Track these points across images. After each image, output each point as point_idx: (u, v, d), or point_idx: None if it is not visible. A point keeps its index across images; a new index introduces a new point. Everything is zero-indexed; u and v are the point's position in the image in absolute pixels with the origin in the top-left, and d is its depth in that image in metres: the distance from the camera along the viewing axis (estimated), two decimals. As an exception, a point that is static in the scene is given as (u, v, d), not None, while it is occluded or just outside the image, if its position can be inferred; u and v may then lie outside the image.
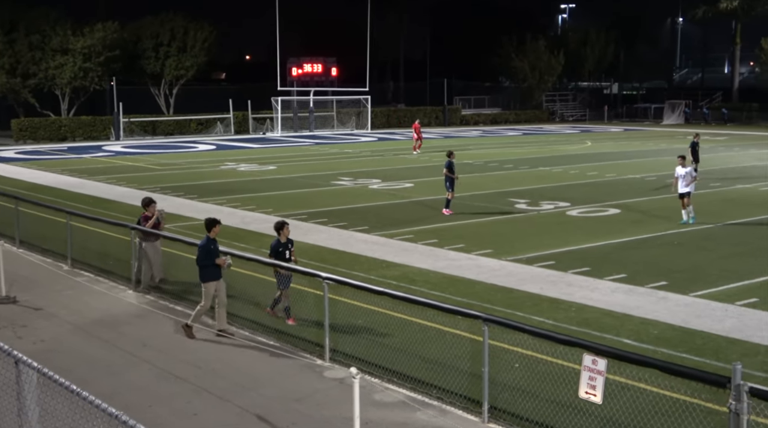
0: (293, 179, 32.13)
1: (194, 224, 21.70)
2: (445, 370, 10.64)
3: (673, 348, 11.61)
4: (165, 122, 58.72)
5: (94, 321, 13.37)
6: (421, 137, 44.48)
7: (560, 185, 29.52)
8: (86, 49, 55.94)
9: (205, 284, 12.45)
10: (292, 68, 62.37)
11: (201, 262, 12.45)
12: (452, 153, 24.06)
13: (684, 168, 21.66)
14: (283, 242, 13.20)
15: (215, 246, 12.57)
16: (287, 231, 13.31)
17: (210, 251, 12.43)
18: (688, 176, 21.55)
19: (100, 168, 36.71)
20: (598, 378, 7.97)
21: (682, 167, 21.72)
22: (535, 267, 16.68)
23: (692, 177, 21.62)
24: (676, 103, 76.96)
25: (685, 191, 21.50)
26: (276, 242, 13.25)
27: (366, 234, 20.38)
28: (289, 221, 21.91)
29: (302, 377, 10.86)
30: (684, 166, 21.75)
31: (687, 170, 21.64)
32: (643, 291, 14.76)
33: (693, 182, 21.68)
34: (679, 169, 21.77)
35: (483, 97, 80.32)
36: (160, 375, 10.93)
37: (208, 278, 12.44)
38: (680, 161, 21.95)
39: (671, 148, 46.50)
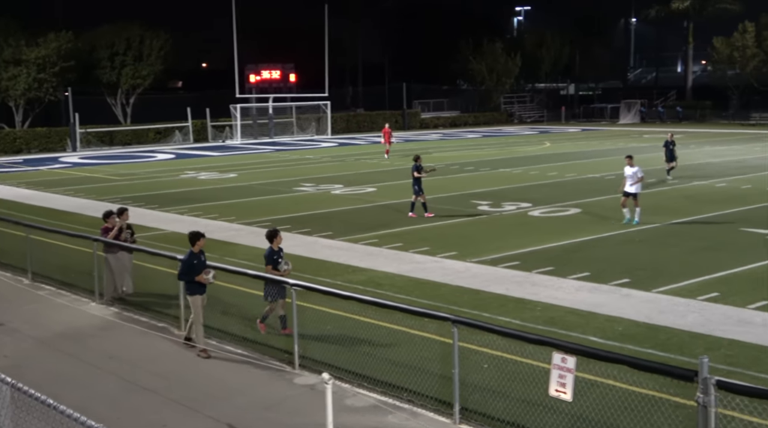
0: (255, 186, 31.98)
1: (156, 234, 21.52)
2: (415, 373, 10.66)
3: (639, 344, 11.77)
4: (122, 132, 58.08)
5: (58, 335, 13.18)
6: (390, 141, 43.91)
7: (521, 186, 29.76)
8: (40, 59, 55.16)
9: (192, 297, 12.10)
10: (251, 75, 62.08)
11: (183, 277, 12.14)
12: (419, 157, 24.08)
13: (632, 168, 21.66)
14: (276, 250, 12.81)
15: (200, 261, 12.18)
16: (280, 239, 12.98)
17: (192, 267, 12.05)
18: (634, 175, 21.48)
19: (57, 180, 36.20)
20: (567, 376, 8.05)
21: (629, 166, 21.77)
22: (500, 268, 16.80)
23: (638, 177, 21.53)
24: (631, 103, 78.01)
25: (632, 192, 21.48)
26: (270, 251, 12.78)
27: (330, 240, 20.35)
28: (252, 228, 21.93)
29: (272, 385, 10.81)
30: (632, 166, 21.68)
31: (634, 170, 21.51)
32: (607, 289, 14.94)
33: (639, 182, 21.56)
34: (627, 169, 21.84)
35: (442, 101, 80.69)
36: (127, 387, 10.81)
37: (194, 292, 12.11)
38: (628, 161, 22.02)
39: (628, 147, 47.12)
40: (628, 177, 21.65)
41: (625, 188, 21.61)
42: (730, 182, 29.57)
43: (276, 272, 12.54)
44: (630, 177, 21.57)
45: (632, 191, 21.51)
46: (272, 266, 12.63)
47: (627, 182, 21.61)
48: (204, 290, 12.21)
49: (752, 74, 71.77)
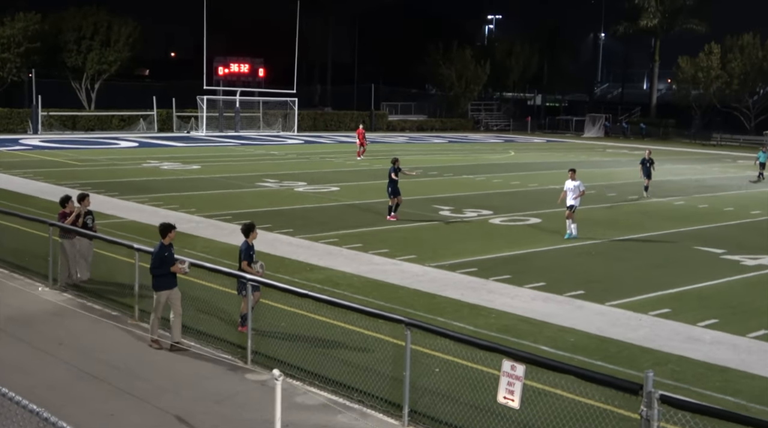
0: (217, 179, 31.81)
1: (115, 222, 21.31)
2: (366, 373, 10.71)
3: (589, 355, 11.93)
4: (86, 117, 57.37)
5: (8, 319, 12.99)
6: (365, 142, 43.62)
7: (484, 194, 29.96)
8: (5, 39, 54.29)
9: (157, 293, 11.86)
10: (219, 67, 61.71)
11: (155, 270, 11.87)
12: (397, 160, 24.10)
13: (573, 181, 21.57)
14: (251, 245, 12.70)
15: (170, 253, 12.00)
16: (256, 234, 12.86)
17: (164, 259, 11.86)
18: (576, 189, 21.45)
19: (15, 162, 35.67)
20: (516, 384, 8.15)
21: (571, 180, 21.63)
22: (457, 273, 16.91)
23: (580, 191, 21.51)
24: (596, 117, 78.86)
25: (571, 204, 21.42)
26: (246, 245, 12.65)
27: (291, 237, 20.33)
28: (213, 222, 21.82)
29: (224, 379, 10.78)
30: (574, 179, 21.61)
31: (576, 184, 21.49)
32: (562, 299, 15.12)
33: (580, 196, 21.56)
34: (568, 182, 21.71)
35: (410, 104, 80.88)
36: (76, 375, 10.71)
37: (161, 287, 11.86)
38: (570, 175, 21.99)
39: (591, 160, 47.69)
40: (569, 190, 21.59)
41: (568, 202, 21.56)
42: (688, 201, 30.05)
43: (249, 269, 12.42)
44: (571, 190, 21.53)
45: (573, 203, 21.46)
46: (248, 262, 12.52)
47: (569, 195, 21.54)
48: (174, 284, 11.97)
49: (715, 95, 72.98)
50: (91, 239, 15.22)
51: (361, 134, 43.61)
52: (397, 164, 23.87)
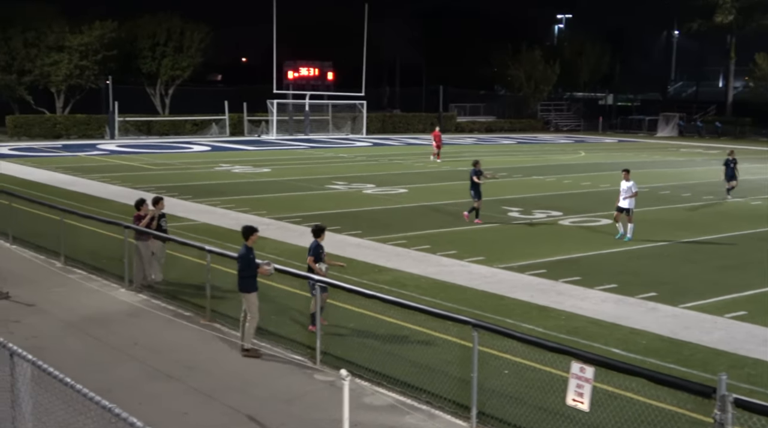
0: (287, 181, 32.19)
1: (188, 225, 21.76)
2: (434, 375, 10.71)
3: (661, 358, 11.71)
4: (160, 122, 58.73)
5: (86, 318, 13.41)
6: (440, 144, 43.21)
7: (553, 195, 29.64)
8: (83, 46, 55.91)
9: (249, 295, 11.87)
10: (289, 71, 62.47)
11: (244, 273, 11.91)
12: (477, 162, 23.64)
13: (627, 182, 21.08)
14: (320, 245, 13.03)
15: (253, 255, 12.09)
16: (324, 236, 13.19)
17: (250, 261, 11.95)
18: (629, 190, 21.00)
19: (94, 166, 36.71)
20: (585, 386, 8.05)
21: (625, 181, 21.16)
22: (526, 275, 16.78)
23: (632, 192, 20.99)
24: (670, 116, 77.23)
25: (624, 206, 20.99)
26: (316, 243, 13.01)
27: (359, 238, 20.45)
28: (282, 224, 22.10)
29: (293, 378, 10.92)
30: (627, 180, 21.11)
31: (629, 185, 21.02)
32: (633, 302, 14.87)
33: (632, 197, 21.01)
34: (622, 183, 21.22)
35: (478, 105, 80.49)
36: (150, 374, 10.98)
37: (251, 289, 11.90)
38: (624, 175, 21.42)
39: (665, 160, 46.77)
40: (622, 191, 21.15)
41: (618, 203, 21.16)
42: (766, 201, 29.20)
43: (313, 265, 12.64)
44: (624, 191, 21.09)
45: (625, 205, 21.03)
46: (314, 258, 12.76)
47: (621, 196, 21.14)
48: (256, 287, 12.03)
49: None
50: (164, 241, 15.57)
51: (438, 137, 43.25)
52: (478, 166, 23.42)
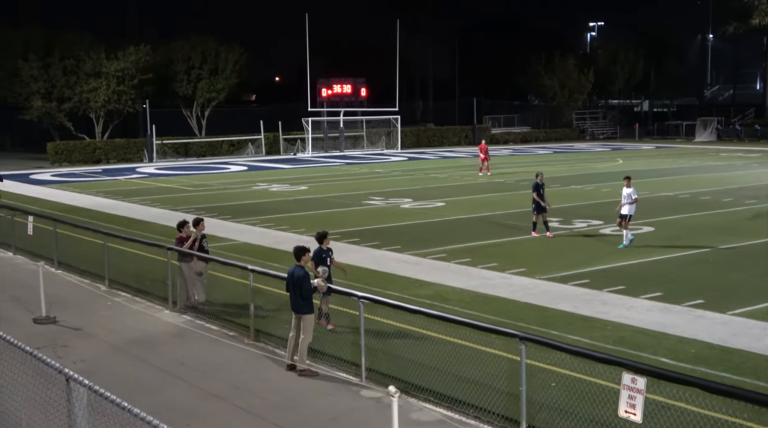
0: (325, 199, 32.30)
1: (228, 245, 21.90)
2: (481, 389, 10.62)
3: (712, 366, 11.50)
4: (197, 144, 59.35)
5: (132, 341, 13.53)
6: (488, 157, 42.70)
7: (593, 204, 29.39)
8: (120, 72, 56.79)
9: (307, 315, 11.85)
10: (322, 89, 62.83)
11: (307, 294, 11.86)
12: (539, 174, 22.93)
13: (627, 189, 20.98)
14: (325, 249, 13.79)
15: (308, 275, 12.08)
16: (328, 241, 14.04)
17: (308, 281, 11.91)
18: (628, 197, 20.89)
19: (134, 190, 37.17)
20: (637, 397, 7.93)
21: (626, 187, 21.06)
22: (569, 286, 16.62)
23: (632, 199, 20.86)
24: (708, 120, 76.34)
25: (624, 213, 20.88)
26: (319, 249, 13.68)
27: (398, 253, 20.42)
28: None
29: (339, 396, 10.90)
30: (629, 186, 21.02)
31: (629, 191, 20.92)
32: (680, 310, 14.65)
33: (633, 203, 20.90)
34: (624, 190, 21.12)
35: (512, 116, 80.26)
36: (197, 394, 11.03)
37: (309, 310, 11.90)
38: (626, 182, 21.30)
39: (704, 165, 46.17)
40: (623, 197, 20.99)
41: (621, 210, 20.99)
42: (811, 203, 28.67)
43: (314, 268, 13.10)
44: (625, 197, 20.92)
45: (625, 212, 20.86)
46: (316, 262, 13.37)
47: (622, 202, 21.00)
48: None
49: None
50: (207, 261, 15.68)
51: (484, 149, 42.82)
52: (540, 179, 22.63)
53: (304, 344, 11.79)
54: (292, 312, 12.06)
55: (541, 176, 22.84)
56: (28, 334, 13.64)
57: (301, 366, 11.74)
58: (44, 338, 13.61)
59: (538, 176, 22.80)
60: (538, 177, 22.73)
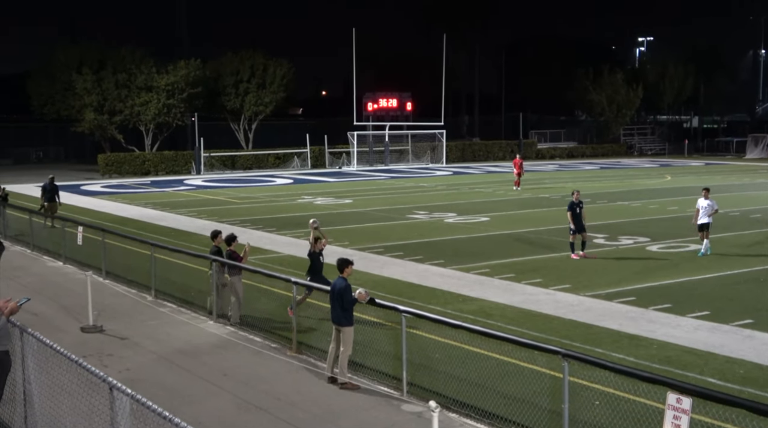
0: (369, 212, 32.37)
1: (273, 257, 22.05)
2: (523, 406, 10.53)
3: (761, 388, 11.25)
4: (244, 157, 59.97)
5: (177, 351, 13.67)
6: (521, 172, 42.59)
7: (640, 220, 29.03)
8: (170, 86, 57.72)
9: (348, 328, 11.82)
10: (368, 103, 63.12)
11: (348, 306, 11.85)
12: (576, 192, 22.13)
13: (706, 200, 21.98)
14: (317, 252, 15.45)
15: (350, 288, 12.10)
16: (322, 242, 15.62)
17: (350, 294, 11.94)
18: (709, 208, 21.89)
19: (181, 201, 37.64)
20: (683, 418, 7.79)
21: (704, 198, 22.06)
22: (614, 303, 16.41)
23: (713, 209, 21.95)
24: (759, 137, 75.04)
25: (704, 222, 21.79)
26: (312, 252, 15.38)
27: (442, 268, 20.37)
28: (365, 254, 22.18)
29: (380, 410, 10.88)
30: (707, 198, 22.01)
31: (709, 202, 21.93)
32: (728, 329, 14.37)
33: (713, 213, 21.98)
34: (701, 201, 22.15)
35: (559, 131, 79.78)
36: (240, 405, 11.10)
37: (350, 322, 11.87)
38: (704, 193, 22.32)
39: (755, 182, 45.35)
40: (701, 208, 21.96)
41: (699, 220, 21.91)
42: None
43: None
44: (704, 208, 21.91)
45: (706, 221, 21.82)
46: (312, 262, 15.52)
47: (701, 213, 21.94)
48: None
49: None
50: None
51: (518, 164, 42.68)
52: (576, 197, 21.81)
53: (345, 356, 11.80)
54: (333, 324, 12.10)
55: (577, 195, 22.04)
56: (76, 342, 13.88)
57: (342, 379, 11.75)
58: (91, 346, 13.83)
59: (574, 195, 22.05)
60: (574, 195, 22.03)
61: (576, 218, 21.53)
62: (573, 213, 21.58)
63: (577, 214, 21.57)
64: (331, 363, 12.01)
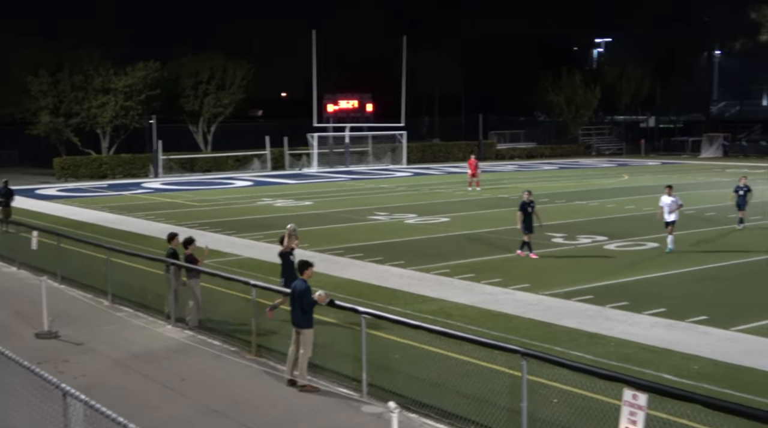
0: (329, 214, 32.29)
1: (232, 260, 21.89)
2: (483, 405, 10.56)
3: (716, 383, 11.42)
4: (203, 159, 59.45)
5: (134, 356, 13.50)
6: (477, 172, 42.75)
7: (597, 219, 29.33)
8: (128, 88, 57.04)
9: (308, 330, 11.76)
10: (328, 104, 62.96)
11: (308, 308, 11.80)
12: (526, 193, 22.30)
13: (669, 197, 22.37)
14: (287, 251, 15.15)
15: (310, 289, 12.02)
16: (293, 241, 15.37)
17: (310, 295, 11.87)
18: (673, 203, 22.25)
19: (139, 205, 37.22)
20: (639, 414, 7.87)
21: (667, 196, 22.46)
22: (573, 302, 16.55)
23: (677, 205, 22.28)
24: (714, 136, 76.22)
25: (670, 220, 22.22)
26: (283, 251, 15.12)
27: (402, 269, 20.38)
28: (325, 256, 22.12)
29: (340, 412, 10.84)
30: (670, 195, 22.40)
31: (672, 199, 22.31)
32: (684, 326, 14.56)
33: (677, 210, 22.31)
34: (664, 198, 22.56)
35: (518, 132, 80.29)
36: (199, 410, 10.98)
37: (310, 324, 11.82)
38: (667, 191, 22.70)
39: (710, 181, 46.09)
40: (665, 206, 22.41)
41: (665, 218, 22.35)
42: (817, 219, 28.56)
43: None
44: (668, 205, 22.33)
45: (672, 219, 22.25)
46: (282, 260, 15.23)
47: (665, 210, 22.38)
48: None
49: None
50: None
51: (473, 165, 42.89)
52: (527, 197, 21.88)
53: (304, 359, 11.73)
54: (292, 327, 12.03)
55: (528, 195, 22.09)
56: (30, 349, 13.64)
57: (301, 381, 11.69)
58: (46, 353, 13.60)
59: (525, 195, 22.13)
60: (525, 195, 22.08)
61: (526, 217, 21.71)
62: (524, 213, 21.78)
63: (528, 214, 21.76)
64: (291, 365, 11.94)
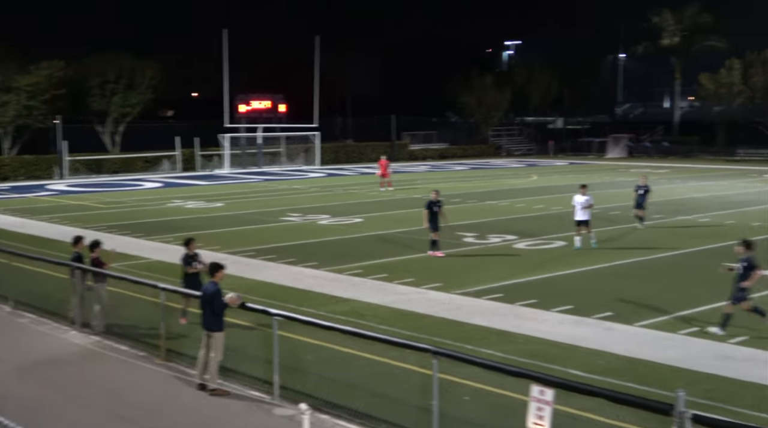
0: (241, 215, 31.95)
1: (141, 263, 21.44)
2: (395, 404, 10.62)
3: (620, 377, 11.76)
4: (110, 160, 58.00)
5: (38, 363, 13.08)
6: (387, 173, 42.97)
7: (507, 219, 29.85)
8: (31, 87, 55.19)
9: (218, 333, 11.64)
10: (240, 105, 62.23)
11: (219, 310, 11.67)
12: (434, 192, 22.54)
13: (583, 196, 22.97)
14: (191, 255, 15.15)
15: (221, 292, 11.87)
16: (193, 246, 15.33)
17: (220, 298, 11.71)
18: (585, 202, 22.89)
19: (43, 207, 36.08)
20: (545, 409, 8.04)
21: (581, 195, 23.05)
22: (483, 300, 16.80)
23: (589, 203, 22.88)
24: (619, 137, 78.49)
25: (583, 219, 22.89)
26: (185, 255, 15.16)
27: (315, 270, 20.32)
28: (237, 258, 21.88)
29: (251, 415, 10.74)
30: (584, 194, 23.00)
31: (586, 198, 22.92)
32: (590, 322, 14.96)
33: (589, 208, 22.91)
34: (577, 197, 23.21)
35: (431, 133, 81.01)
36: (108, 417, 10.72)
37: (220, 327, 11.70)
38: (581, 190, 23.31)
39: (615, 181, 47.42)
40: (578, 205, 23.01)
41: (577, 217, 23.00)
42: (714, 218, 29.74)
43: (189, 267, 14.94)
44: (580, 204, 22.93)
45: (585, 217, 22.88)
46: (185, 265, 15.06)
47: (577, 209, 23.01)
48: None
49: (738, 111, 72.52)
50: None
51: (384, 165, 43.16)
52: (435, 196, 22.19)
53: (215, 362, 11.59)
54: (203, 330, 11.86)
55: (435, 194, 22.39)
56: (-74, 358, 13.07)
57: (211, 385, 11.54)
58: (-57, 362, 13.05)
59: (432, 194, 22.43)
60: (432, 194, 22.37)
61: (432, 216, 22.01)
62: (430, 212, 22.07)
63: (434, 213, 22.06)
64: (201, 369, 11.77)
